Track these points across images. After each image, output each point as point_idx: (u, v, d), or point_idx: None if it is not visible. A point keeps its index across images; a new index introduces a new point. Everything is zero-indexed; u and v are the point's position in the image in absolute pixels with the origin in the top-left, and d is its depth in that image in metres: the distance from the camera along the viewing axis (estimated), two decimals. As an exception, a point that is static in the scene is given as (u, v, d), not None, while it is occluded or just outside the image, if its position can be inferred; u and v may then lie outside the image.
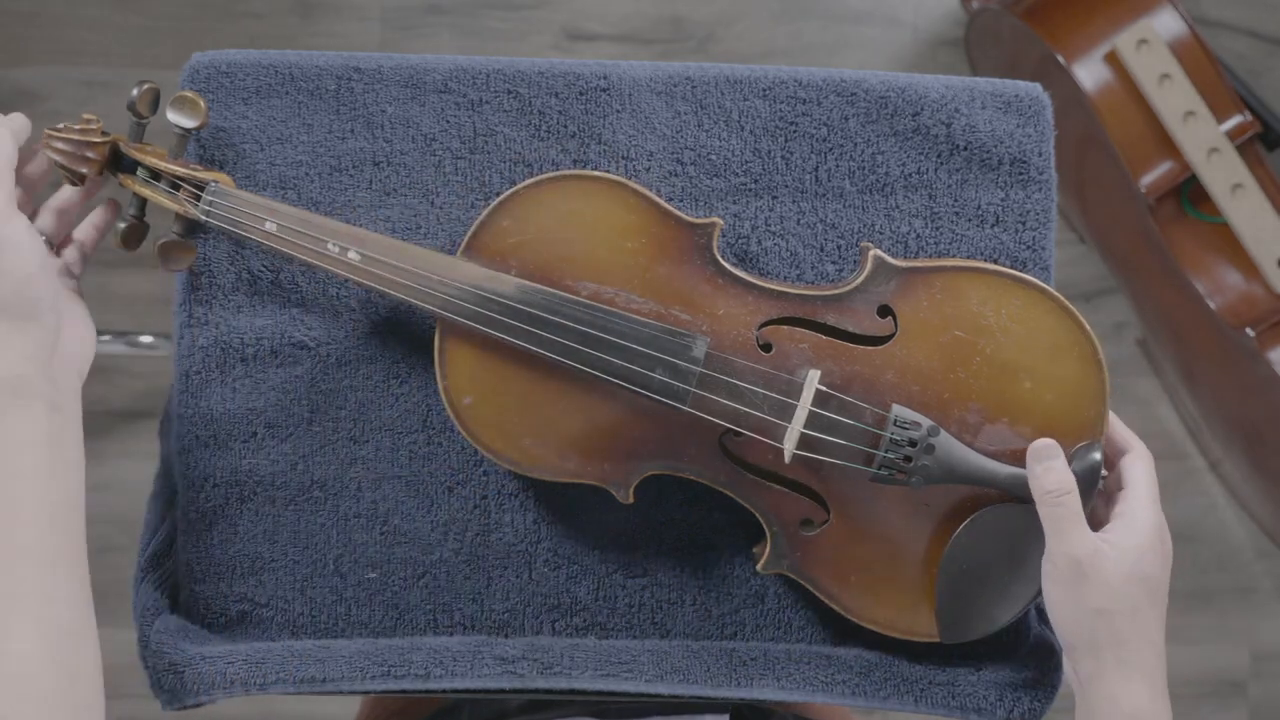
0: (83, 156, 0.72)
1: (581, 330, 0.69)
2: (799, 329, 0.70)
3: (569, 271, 0.70)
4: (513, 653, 0.76)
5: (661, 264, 0.70)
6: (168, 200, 0.73)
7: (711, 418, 0.69)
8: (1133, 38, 1.27)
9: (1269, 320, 1.27)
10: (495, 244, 0.70)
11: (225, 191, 0.71)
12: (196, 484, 0.78)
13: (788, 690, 0.76)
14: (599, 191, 0.70)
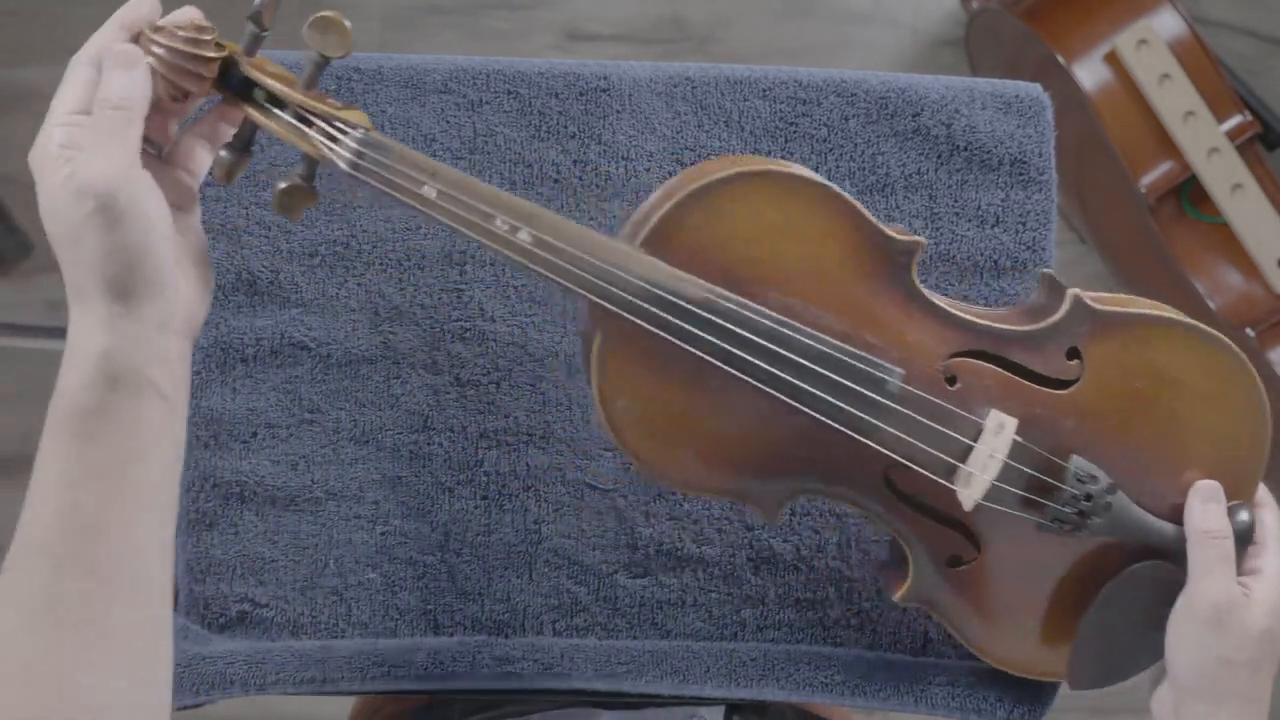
0: (189, 70, 0.57)
1: (766, 347, 0.62)
2: (985, 364, 0.65)
3: (757, 278, 0.62)
4: (513, 653, 0.76)
5: (857, 281, 0.63)
6: (294, 137, 0.60)
7: (888, 451, 0.64)
8: (1133, 38, 1.27)
9: (1269, 320, 1.27)
10: (681, 238, 0.61)
11: (381, 142, 0.59)
12: (196, 484, 0.78)
13: (788, 690, 0.76)
14: (805, 194, 0.62)
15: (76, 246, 0.53)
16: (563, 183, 0.78)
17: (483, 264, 0.78)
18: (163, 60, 0.57)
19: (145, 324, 0.54)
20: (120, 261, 0.52)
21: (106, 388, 0.53)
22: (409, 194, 0.59)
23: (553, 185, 0.78)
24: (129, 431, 0.54)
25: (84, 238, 0.52)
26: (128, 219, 0.52)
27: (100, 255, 0.52)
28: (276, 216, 0.78)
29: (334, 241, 0.78)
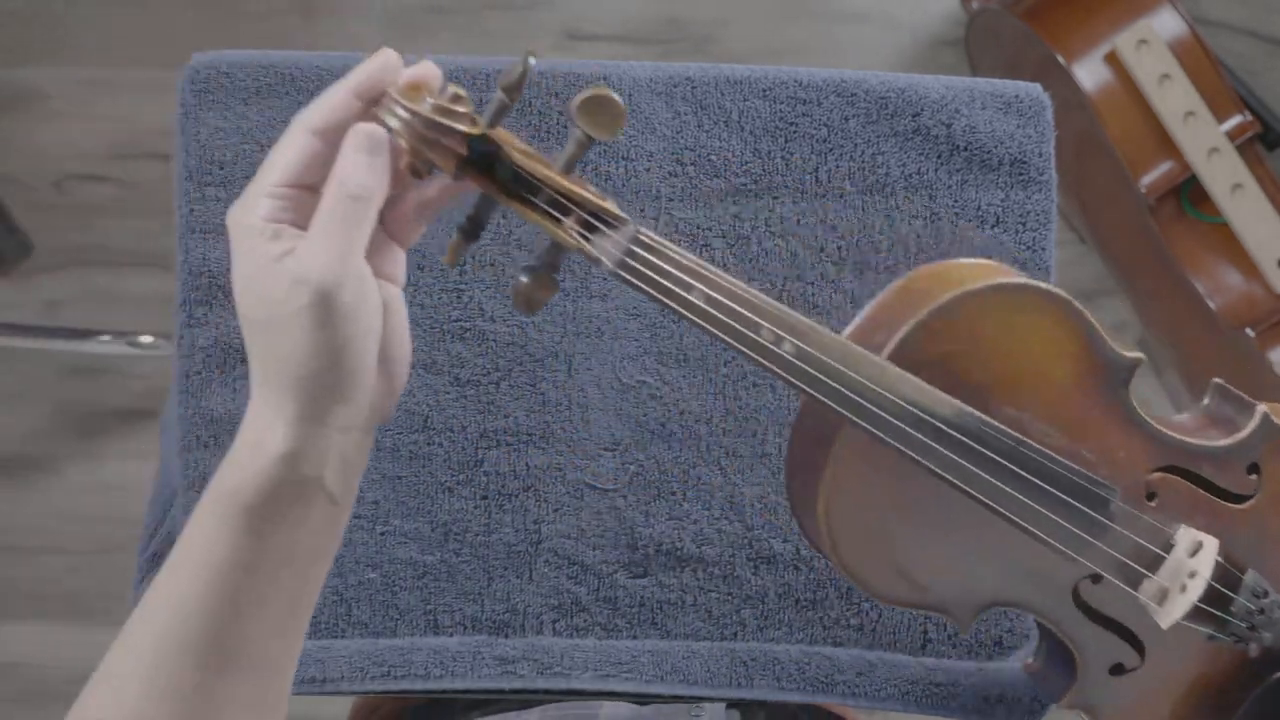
0: (438, 144, 0.50)
1: (1003, 465, 0.60)
2: (1180, 479, 0.64)
3: (995, 391, 0.60)
4: (513, 653, 0.76)
5: (1081, 396, 0.62)
6: (547, 224, 0.54)
7: (1090, 564, 0.63)
8: (1133, 38, 1.27)
9: (1269, 320, 1.27)
10: (927, 350, 0.59)
11: (651, 244, 0.54)
12: (197, 484, 0.78)
13: (788, 690, 0.76)
14: (1052, 309, 0.61)
15: (276, 336, 0.48)
16: (563, 183, 0.78)
17: (483, 264, 0.78)
18: (407, 129, 0.50)
19: (331, 427, 0.49)
20: (322, 361, 0.48)
21: (281, 491, 0.49)
22: (675, 297, 0.54)
23: (553, 185, 0.78)
24: (292, 533, 0.50)
25: (288, 331, 0.47)
26: (342, 318, 0.47)
27: (301, 353, 0.48)
28: None
29: (334, 241, 0.78)
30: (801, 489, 0.62)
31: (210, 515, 0.50)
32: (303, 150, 0.50)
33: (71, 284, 1.49)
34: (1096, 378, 0.62)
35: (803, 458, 0.63)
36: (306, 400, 0.49)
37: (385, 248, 0.53)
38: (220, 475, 0.51)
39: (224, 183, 0.77)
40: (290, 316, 0.47)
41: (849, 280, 0.79)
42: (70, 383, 1.49)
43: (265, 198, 0.49)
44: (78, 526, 1.47)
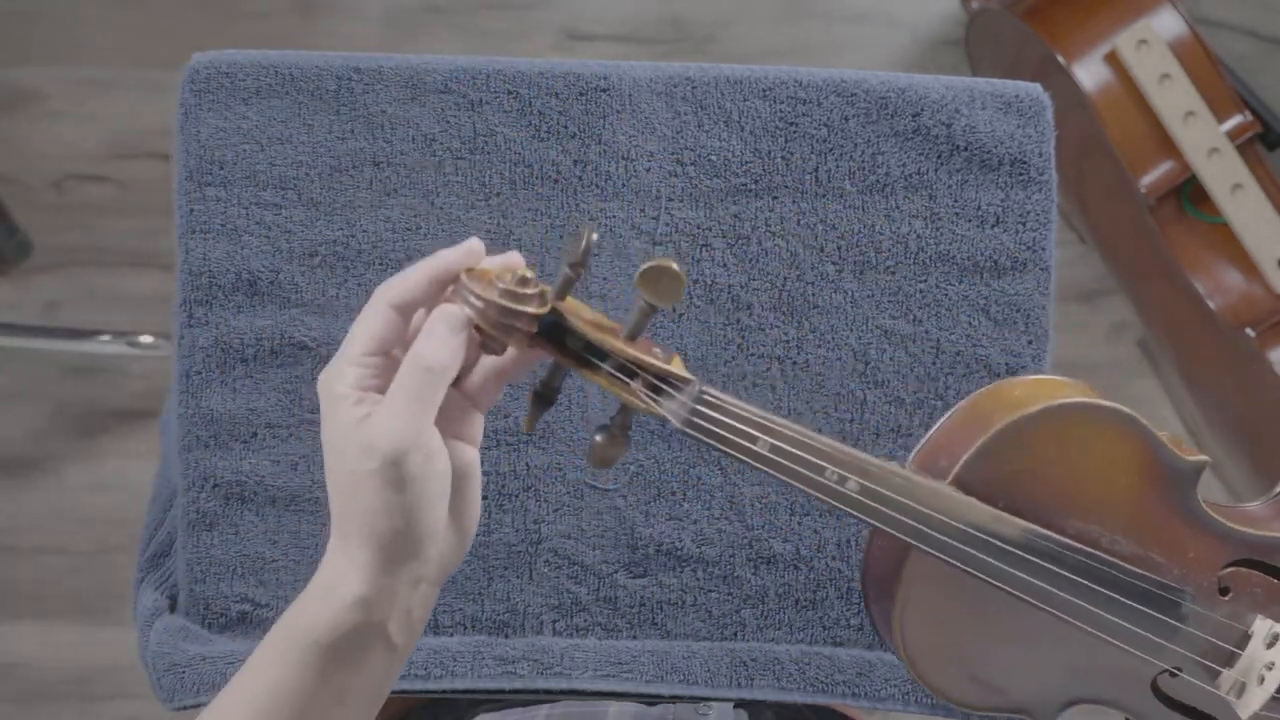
0: (508, 325, 0.52)
1: (1072, 579, 0.60)
2: (1254, 571, 0.65)
3: (1059, 507, 0.61)
4: (513, 653, 0.76)
5: (1146, 502, 0.63)
6: (616, 389, 0.55)
7: (1164, 664, 0.64)
8: (1133, 38, 1.27)
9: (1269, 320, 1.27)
10: (990, 474, 0.60)
11: (716, 401, 0.56)
12: (196, 484, 0.78)
13: (788, 690, 0.76)
14: (1110, 426, 0.62)
15: (353, 495, 0.51)
16: (563, 183, 0.78)
17: (483, 264, 0.78)
18: (479, 312, 0.52)
19: (400, 579, 0.53)
20: (393, 521, 0.51)
21: (350, 634, 0.53)
22: (741, 449, 0.56)
23: (553, 185, 0.78)
24: (352, 674, 0.54)
25: (363, 491, 0.51)
26: (412, 483, 0.51)
27: (375, 511, 0.51)
28: (275, 218, 0.78)
29: (334, 241, 0.78)
30: (880, 614, 0.63)
31: (279, 648, 0.53)
32: (383, 322, 0.53)
33: (71, 284, 1.49)
34: (1161, 484, 0.63)
35: (876, 582, 0.63)
36: (379, 553, 0.52)
37: (463, 412, 0.55)
38: (293, 612, 0.54)
39: (224, 183, 0.77)
40: (365, 477, 0.50)
41: (849, 280, 0.79)
42: (70, 383, 1.49)
43: (350, 365, 0.52)
44: (78, 526, 1.47)
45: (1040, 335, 0.80)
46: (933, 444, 0.63)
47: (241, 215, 0.77)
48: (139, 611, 0.78)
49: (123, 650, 1.47)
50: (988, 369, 0.79)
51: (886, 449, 0.79)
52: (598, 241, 0.62)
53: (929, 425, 0.79)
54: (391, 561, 0.52)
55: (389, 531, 0.51)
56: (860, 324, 0.79)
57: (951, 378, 0.79)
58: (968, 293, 0.79)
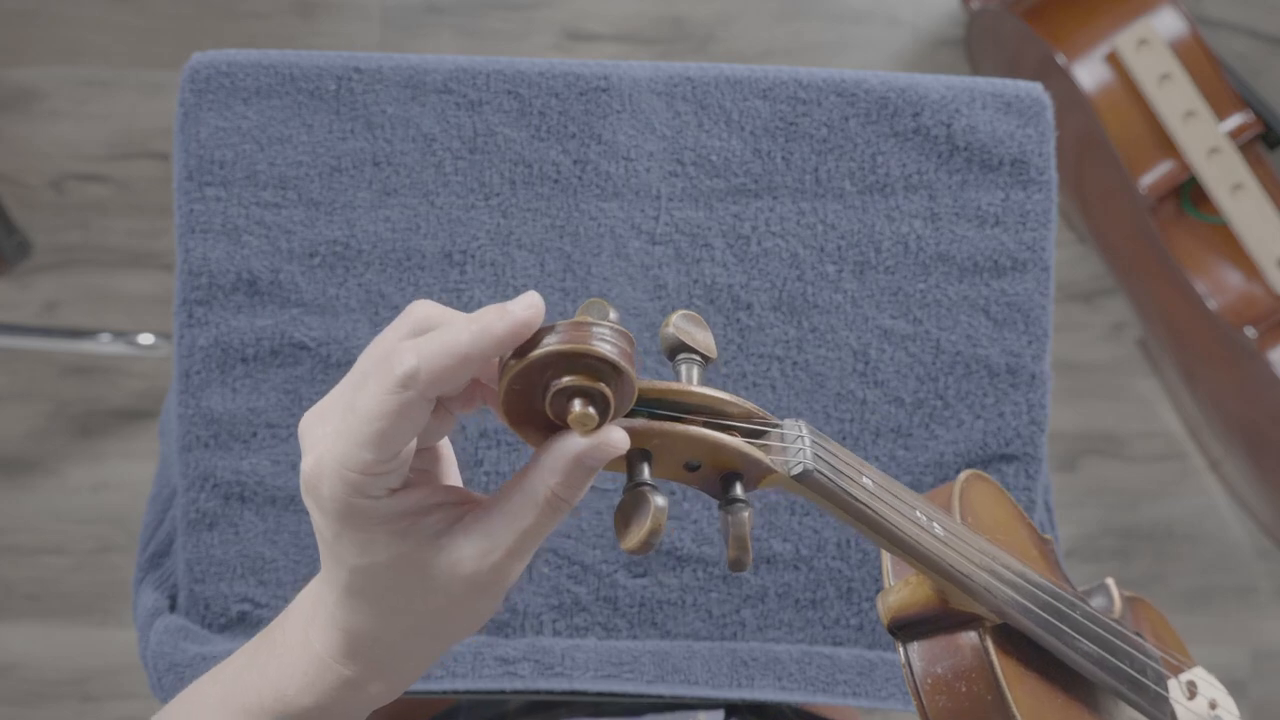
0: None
1: (1109, 640, 0.58)
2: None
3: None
4: (513, 653, 0.76)
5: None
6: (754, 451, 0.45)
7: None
8: (1133, 38, 1.27)
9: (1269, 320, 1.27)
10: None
11: (819, 436, 0.48)
12: (196, 484, 0.78)
13: (788, 690, 0.76)
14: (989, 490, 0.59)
15: (402, 610, 0.45)
16: (563, 183, 0.78)
17: (482, 264, 0.78)
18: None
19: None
20: (432, 644, 0.46)
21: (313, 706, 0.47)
22: (851, 484, 0.48)
23: (553, 185, 0.78)
24: None
25: (415, 609, 0.45)
26: (480, 611, 0.46)
27: (418, 632, 0.46)
28: (275, 218, 0.78)
29: (334, 241, 0.78)
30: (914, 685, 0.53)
31: (241, 704, 0.48)
32: (421, 419, 0.42)
33: (71, 284, 1.49)
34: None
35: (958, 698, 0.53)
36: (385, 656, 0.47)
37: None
38: (266, 678, 0.48)
39: (224, 183, 0.77)
40: (431, 598, 0.44)
41: (849, 280, 0.79)
42: (70, 383, 1.49)
43: (382, 471, 0.42)
44: (78, 526, 1.47)
45: (1040, 335, 0.80)
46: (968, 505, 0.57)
47: (241, 215, 0.77)
48: (139, 611, 0.78)
49: (122, 650, 1.47)
50: (988, 369, 0.79)
51: (886, 449, 0.79)
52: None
53: (929, 425, 0.79)
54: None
55: (421, 648, 0.46)
56: (860, 324, 0.79)
57: (951, 378, 0.79)
58: (968, 293, 0.79)
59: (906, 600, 0.52)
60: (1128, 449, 1.58)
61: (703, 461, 0.44)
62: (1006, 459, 0.80)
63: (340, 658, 0.46)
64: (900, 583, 0.53)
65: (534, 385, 0.41)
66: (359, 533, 0.42)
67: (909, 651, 0.52)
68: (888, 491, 0.49)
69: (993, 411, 0.79)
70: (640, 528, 0.41)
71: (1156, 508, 1.59)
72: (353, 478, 0.41)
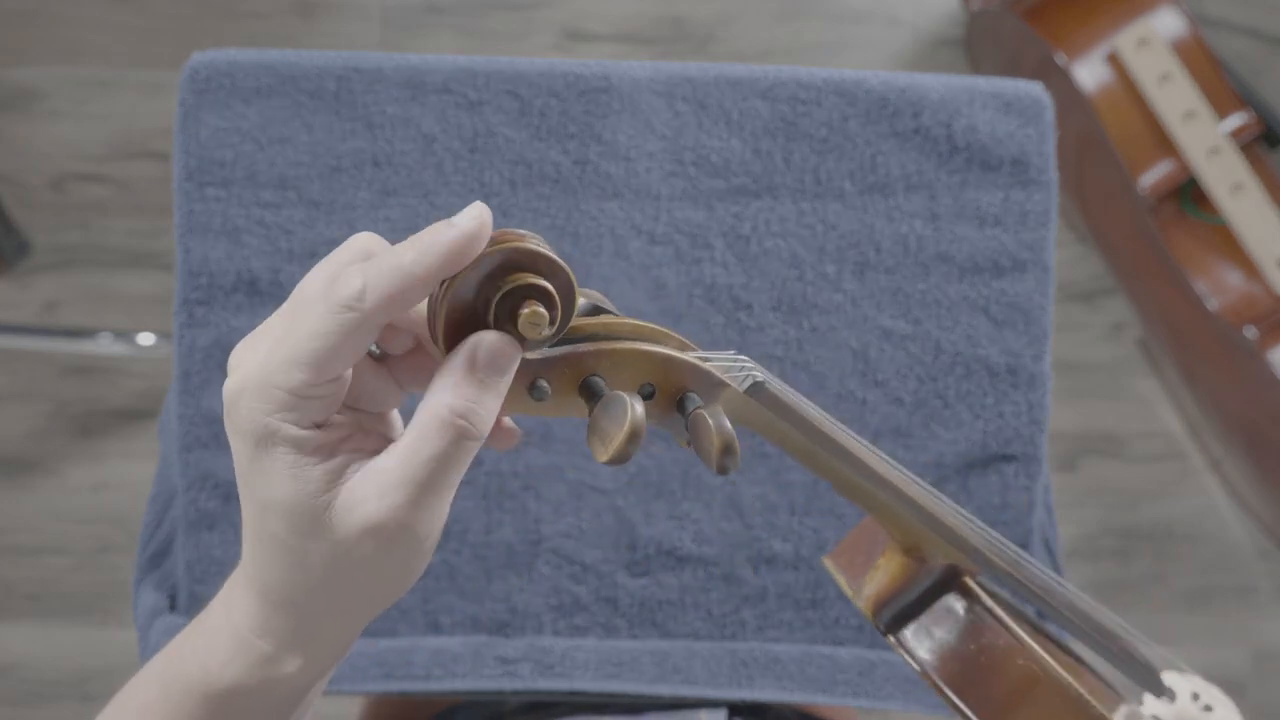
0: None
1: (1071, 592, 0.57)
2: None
3: None
4: (513, 654, 0.76)
5: None
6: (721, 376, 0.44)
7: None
8: (1133, 37, 1.27)
9: (1269, 320, 1.27)
10: None
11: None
12: (196, 484, 0.78)
13: (789, 690, 0.76)
14: None
15: (295, 565, 0.41)
16: (563, 183, 0.78)
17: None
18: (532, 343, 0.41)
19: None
20: (344, 604, 0.43)
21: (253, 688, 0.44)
22: (801, 408, 0.46)
23: (553, 185, 0.78)
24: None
25: (318, 566, 0.41)
26: (426, 552, 0.42)
27: (324, 588, 0.42)
28: (275, 218, 0.77)
29: (334, 241, 0.78)
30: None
31: (171, 688, 0.45)
32: (364, 343, 0.40)
33: (70, 284, 1.49)
34: None
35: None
36: (306, 624, 0.44)
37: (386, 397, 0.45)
38: (197, 660, 0.45)
39: (224, 183, 0.77)
40: (331, 556, 0.41)
41: (849, 280, 0.79)
42: (70, 383, 1.49)
43: (297, 394, 0.39)
44: (78, 526, 1.47)
45: (1040, 335, 0.80)
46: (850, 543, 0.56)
47: (241, 215, 0.77)
48: (139, 611, 0.78)
49: (122, 650, 1.47)
50: (987, 369, 0.79)
51: (887, 449, 0.79)
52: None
53: (929, 425, 0.79)
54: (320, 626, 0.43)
55: (334, 612, 0.42)
56: (860, 324, 0.79)
57: (951, 378, 0.79)
58: (968, 293, 0.79)
59: (883, 583, 0.51)
60: (1128, 449, 1.58)
61: (655, 385, 0.42)
62: (1006, 459, 0.80)
63: (256, 629, 0.42)
64: (870, 571, 0.52)
65: (473, 306, 0.39)
66: (271, 462, 0.39)
67: (904, 640, 0.50)
68: (835, 425, 0.47)
69: (993, 411, 0.79)
70: (619, 429, 0.38)
71: (1156, 508, 1.59)
72: (278, 395, 0.38)
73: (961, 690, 0.49)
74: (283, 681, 0.43)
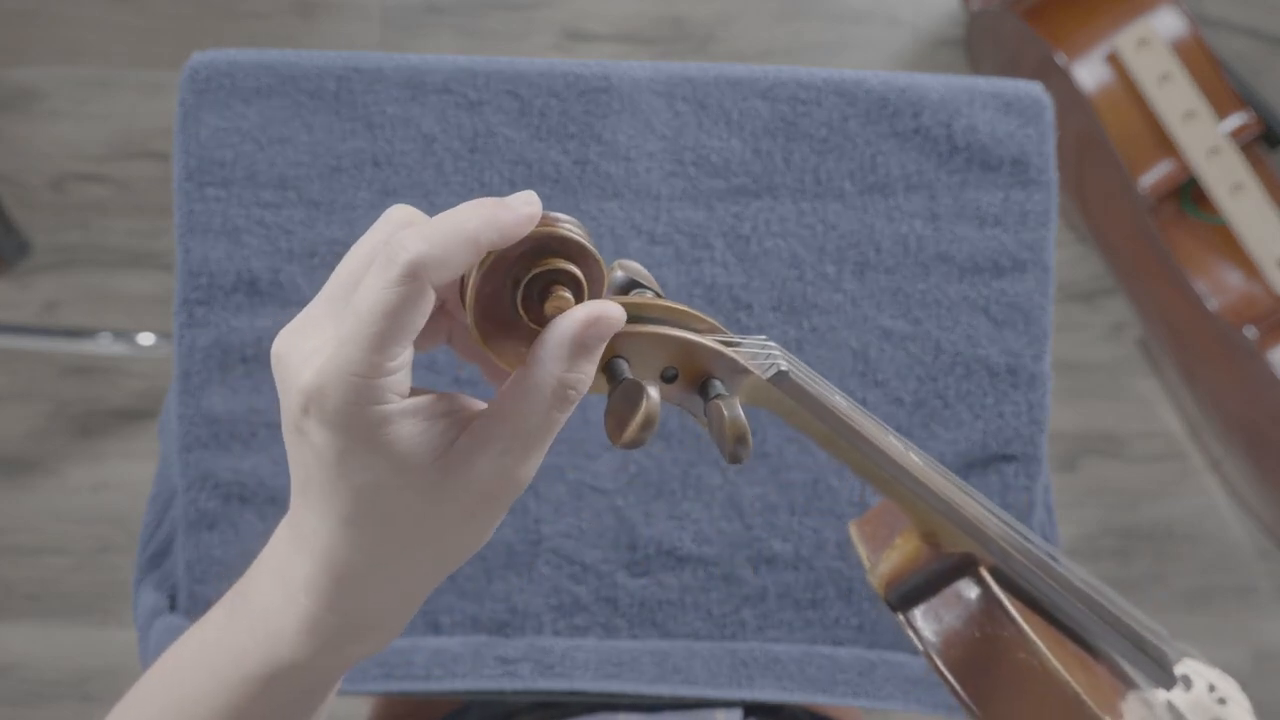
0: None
1: (1095, 588, 0.57)
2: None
3: None
4: (513, 653, 0.76)
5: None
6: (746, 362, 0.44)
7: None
8: (1133, 38, 1.27)
9: (1269, 320, 1.27)
10: None
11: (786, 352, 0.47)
12: (196, 484, 0.78)
13: (788, 690, 0.76)
14: None
15: (413, 530, 0.42)
16: (563, 183, 0.78)
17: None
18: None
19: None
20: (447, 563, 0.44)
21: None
22: (826, 400, 0.46)
23: (553, 185, 0.78)
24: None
25: (433, 530, 0.42)
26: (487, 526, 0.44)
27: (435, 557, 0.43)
28: (275, 218, 0.78)
29: (334, 241, 0.78)
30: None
31: (213, 669, 0.47)
32: (426, 309, 0.40)
33: (70, 284, 1.49)
34: None
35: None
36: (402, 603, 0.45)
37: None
38: (234, 641, 0.46)
39: (224, 182, 0.77)
40: (450, 524, 0.43)
41: (849, 280, 0.79)
42: (70, 383, 1.49)
43: (387, 374, 0.39)
44: (78, 526, 1.47)
45: (1040, 335, 0.80)
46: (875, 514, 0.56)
47: (241, 215, 0.77)
48: (139, 611, 0.78)
49: (122, 650, 1.47)
50: (988, 369, 0.79)
51: (886, 449, 0.79)
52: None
53: (929, 425, 0.79)
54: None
55: (412, 582, 0.44)
56: (860, 324, 0.79)
57: (951, 378, 0.79)
58: (968, 293, 0.79)
59: (898, 563, 0.52)
60: (1128, 449, 1.58)
61: (678, 368, 0.43)
62: (1006, 459, 0.80)
63: (333, 605, 0.43)
64: (887, 550, 0.52)
65: (503, 286, 0.40)
66: (367, 445, 0.39)
67: (912, 619, 0.51)
68: (860, 412, 0.48)
69: (993, 411, 0.79)
70: (634, 416, 0.40)
71: (1156, 508, 1.59)
72: (361, 383, 0.38)
73: (962, 676, 0.49)
74: (351, 657, 0.44)
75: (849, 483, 0.79)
